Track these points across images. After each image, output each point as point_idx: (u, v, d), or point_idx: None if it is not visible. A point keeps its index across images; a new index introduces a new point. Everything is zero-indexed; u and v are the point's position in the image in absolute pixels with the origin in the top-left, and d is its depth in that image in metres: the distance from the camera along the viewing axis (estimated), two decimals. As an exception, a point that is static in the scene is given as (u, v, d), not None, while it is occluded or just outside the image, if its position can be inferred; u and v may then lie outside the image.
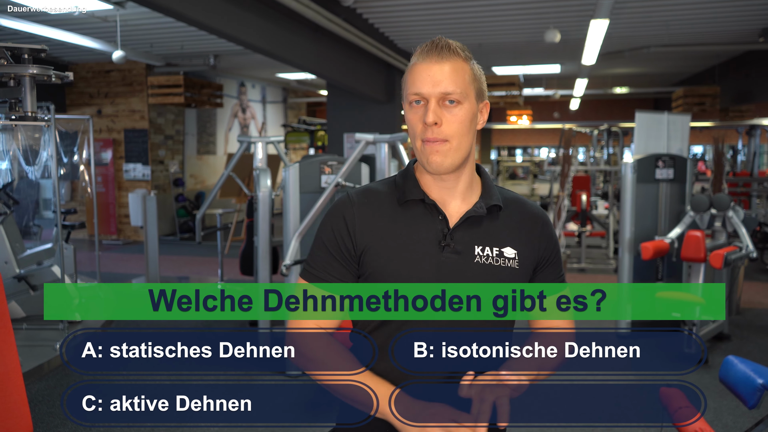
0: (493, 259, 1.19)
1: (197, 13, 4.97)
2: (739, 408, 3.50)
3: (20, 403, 1.98)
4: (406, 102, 1.18)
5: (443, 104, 1.15)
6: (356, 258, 1.19)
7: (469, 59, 1.19)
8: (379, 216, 1.20)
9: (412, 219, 1.20)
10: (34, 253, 5.63)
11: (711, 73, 11.47)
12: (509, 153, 20.86)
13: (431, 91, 1.14)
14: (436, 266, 1.16)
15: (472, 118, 1.17)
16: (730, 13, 7.20)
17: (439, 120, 1.14)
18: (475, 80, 1.19)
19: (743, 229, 4.64)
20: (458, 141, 1.16)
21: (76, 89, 10.29)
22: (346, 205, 1.22)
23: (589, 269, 7.68)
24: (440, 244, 1.18)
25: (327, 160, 4.41)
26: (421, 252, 1.17)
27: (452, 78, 1.14)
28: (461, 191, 1.22)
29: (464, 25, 7.85)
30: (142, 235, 9.22)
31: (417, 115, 1.16)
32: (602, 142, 10.76)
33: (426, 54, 1.17)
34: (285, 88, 14.34)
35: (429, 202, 1.20)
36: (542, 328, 1.23)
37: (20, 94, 3.99)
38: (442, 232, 1.19)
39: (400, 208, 1.21)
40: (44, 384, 4.02)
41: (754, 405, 2.03)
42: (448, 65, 1.15)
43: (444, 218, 1.20)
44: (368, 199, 1.22)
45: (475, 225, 1.20)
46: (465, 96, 1.15)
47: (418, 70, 1.16)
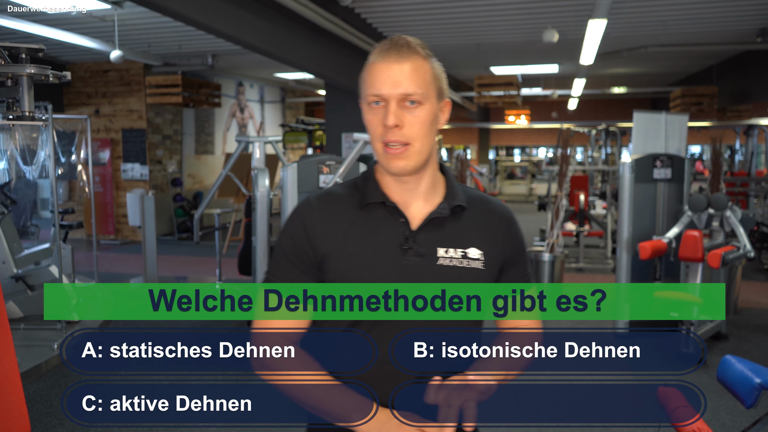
0: (458, 261, 1.16)
1: (195, 13, 4.97)
2: (737, 407, 3.51)
3: (18, 403, 1.98)
4: (365, 102, 1.15)
5: (404, 105, 1.11)
6: (317, 264, 1.16)
7: (429, 57, 1.16)
8: (340, 220, 1.17)
9: (374, 222, 1.17)
10: (31, 253, 5.63)
11: (709, 73, 11.49)
12: (507, 153, 20.88)
13: (391, 92, 1.11)
14: (399, 270, 1.14)
15: (433, 119, 1.15)
16: (728, 13, 7.21)
17: (400, 122, 1.11)
18: (436, 79, 1.16)
19: (741, 228, 4.65)
20: (420, 143, 1.13)
21: (73, 89, 10.27)
22: (306, 210, 1.19)
23: (587, 269, 7.69)
24: (402, 248, 1.15)
25: (325, 159, 4.41)
26: (383, 256, 1.14)
27: (413, 78, 1.11)
28: (423, 192, 1.19)
29: (462, 25, 7.85)
30: (139, 234, 9.21)
31: (377, 117, 1.13)
32: (600, 141, 10.77)
33: (385, 53, 1.12)
34: (283, 88, 14.33)
35: (390, 204, 1.17)
36: (509, 328, 1.20)
37: (18, 93, 3.98)
38: (404, 234, 1.16)
39: (361, 211, 1.18)
40: (42, 384, 4.02)
41: (752, 404, 2.03)
42: (409, 64, 1.11)
43: (406, 221, 1.17)
44: (328, 203, 1.20)
45: (438, 226, 1.18)
46: (426, 96, 1.12)
47: (377, 70, 1.12)
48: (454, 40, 8.74)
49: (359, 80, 1.18)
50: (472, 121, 17.79)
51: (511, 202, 17.36)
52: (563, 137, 7.18)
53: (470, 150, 20.24)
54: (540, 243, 8.31)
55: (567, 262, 7.68)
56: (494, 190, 17.64)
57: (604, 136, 10.45)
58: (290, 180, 4.21)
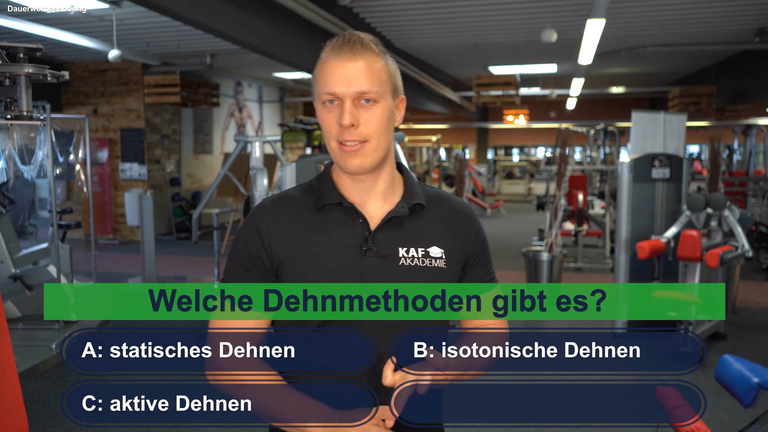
0: (419, 260, 1.14)
1: (193, 12, 4.97)
2: (735, 407, 3.52)
3: (16, 403, 1.97)
4: (318, 101, 1.12)
5: (359, 104, 1.09)
6: (273, 271, 1.14)
7: (384, 54, 1.13)
8: (295, 224, 1.14)
9: (331, 224, 1.14)
10: (29, 253, 5.62)
11: (707, 73, 11.51)
12: (506, 152, 20.89)
13: (346, 90, 1.08)
14: (359, 272, 1.11)
15: (389, 116, 1.12)
16: (726, 13, 7.22)
17: (355, 121, 1.08)
18: (391, 76, 1.13)
19: (739, 228, 4.66)
20: (377, 140, 1.11)
21: (72, 88, 10.26)
22: (260, 215, 1.16)
23: (586, 269, 7.69)
24: (362, 249, 1.12)
25: (323, 159, 4.41)
26: (341, 258, 1.12)
27: (367, 76, 1.08)
28: (382, 191, 1.17)
29: (461, 25, 7.86)
30: (138, 234, 9.21)
31: (332, 116, 1.10)
32: (599, 141, 10.78)
33: (338, 50, 1.09)
34: (282, 88, 14.33)
35: (347, 205, 1.15)
36: (474, 328, 1.18)
37: (16, 93, 3.96)
38: (363, 235, 1.13)
39: (318, 213, 1.15)
40: (40, 384, 4.01)
41: (750, 404, 2.04)
42: (362, 62, 1.09)
43: (364, 221, 1.14)
44: (283, 206, 1.17)
45: (398, 226, 1.15)
46: (381, 94, 1.10)
47: (330, 68, 1.09)
48: (453, 39, 8.74)
49: (312, 78, 1.15)
50: (471, 121, 17.81)
51: (509, 201, 17.38)
52: (562, 137, 7.18)
53: (469, 150, 20.25)
54: (538, 243, 8.32)
55: (565, 262, 7.68)
56: (493, 189, 17.64)
57: (602, 136, 10.46)
58: (289, 179, 4.21)
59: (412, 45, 9.08)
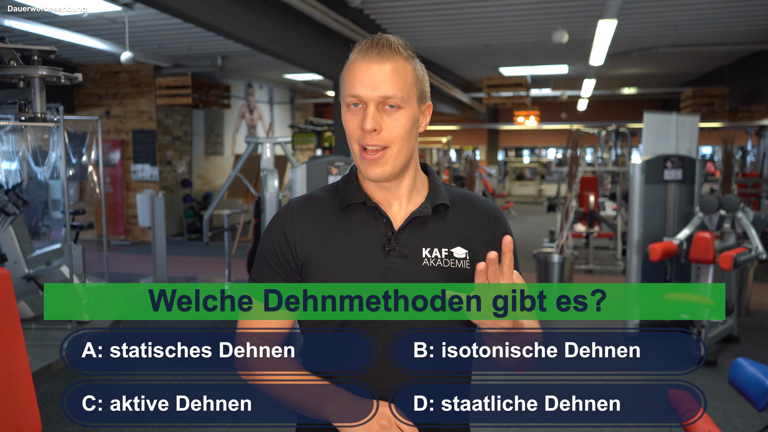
0: (442, 261, 1.13)
1: (205, 15, 5.00)
2: (749, 410, 3.48)
3: (29, 402, 1.99)
4: (344, 103, 1.11)
5: (383, 108, 1.08)
6: (298, 270, 1.14)
7: (412, 58, 1.11)
8: (320, 224, 1.15)
9: (355, 224, 1.14)
10: (43, 254, 5.67)
11: (720, 74, 11.41)
12: (516, 154, 20.81)
13: (370, 94, 1.07)
14: (382, 272, 1.11)
15: (413, 123, 1.11)
16: (739, 13, 7.16)
17: (378, 126, 1.07)
18: (418, 81, 1.12)
19: (753, 230, 4.61)
20: (399, 147, 1.09)
21: (84, 90, 10.35)
22: (286, 215, 1.17)
23: (597, 270, 7.64)
24: (385, 249, 1.12)
25: (334, 160, 4.41)
26: (365, 258, 1.11)
27: (393, 80, 1.07)
28: (406, 192, 1.16)
29: (472, 26, 7.84)
30: (149, 235, 9.26)
31: (355, 119, 1.09)
32: (610, 142, 10.72)
33: (366, 52, 1.08)
34: (292, 89, 14.37)
35: (371, 204, 1.14)
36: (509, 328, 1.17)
37: (30, 95, 4.00)
38: (386, 235, 1.13)
39: (342, 213, 1.15)
40: (52, 383, 4.05)
41: (764, 407, 2.01)
42: (389, 66, 1.07)
43: (388, 221, 1.14)
44: (308, 207, 1.17)
45: (421, 226, 1.14)
46: (406, 100, 1.09)
47: (356, 70, 1.08)
48: (464, 40, 8.72)
49: (339, 79, 1.14)
50: (481, 122, 17.76)
51: (520, 203, 17.32)
52: (573, 138, 7.14)
53: (479, 151, 20.20)
54: (549, 244, 8.28)
55: (577, 264, 7.64)
56: (503, 191, 17.59)
57: (614, 137, 10.39)
58: (299, 181, 4.22)
59: (422, 46, 9.07)
